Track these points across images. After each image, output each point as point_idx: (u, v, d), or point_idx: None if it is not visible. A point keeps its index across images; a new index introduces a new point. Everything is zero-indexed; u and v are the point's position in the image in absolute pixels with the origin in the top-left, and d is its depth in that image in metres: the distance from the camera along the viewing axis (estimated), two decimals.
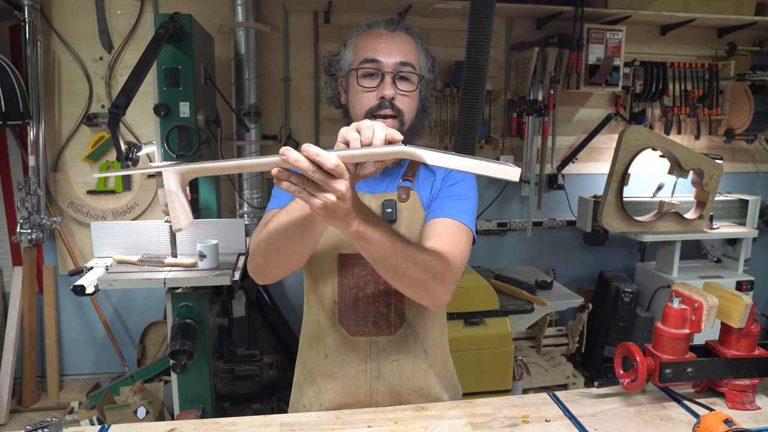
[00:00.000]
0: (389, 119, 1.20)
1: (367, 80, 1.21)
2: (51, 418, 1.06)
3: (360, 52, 1.23)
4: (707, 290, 1.28)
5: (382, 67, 1.20)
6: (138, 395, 2.69)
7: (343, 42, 1.29)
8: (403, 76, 1.21)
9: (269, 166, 0.83)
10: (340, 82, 1.29)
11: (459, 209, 1.22)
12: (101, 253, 2.45)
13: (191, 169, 0.86)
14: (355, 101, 1.23)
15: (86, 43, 3.01)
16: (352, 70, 1.23)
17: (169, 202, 0.85)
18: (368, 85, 1.21)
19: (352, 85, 1.24)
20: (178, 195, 0.85)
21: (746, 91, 3.50)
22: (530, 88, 3.37)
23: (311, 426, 1.17)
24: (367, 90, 1.20)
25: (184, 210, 0.86)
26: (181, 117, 2.45)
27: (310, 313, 1.33)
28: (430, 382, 1.32)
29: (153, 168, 0.89)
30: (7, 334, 3.10)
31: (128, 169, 1.05)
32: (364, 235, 0.95)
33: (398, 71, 1.21)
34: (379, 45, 1.21)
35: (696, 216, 3.28)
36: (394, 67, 1.20)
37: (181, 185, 0.86)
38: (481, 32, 2.52)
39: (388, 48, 1.21)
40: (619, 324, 3.34)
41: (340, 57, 1.28)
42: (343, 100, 1.29)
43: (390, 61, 1.20)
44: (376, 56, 1.20)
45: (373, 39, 1.22)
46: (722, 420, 1.06)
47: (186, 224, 0.86)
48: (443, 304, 1.15)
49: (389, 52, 1.20)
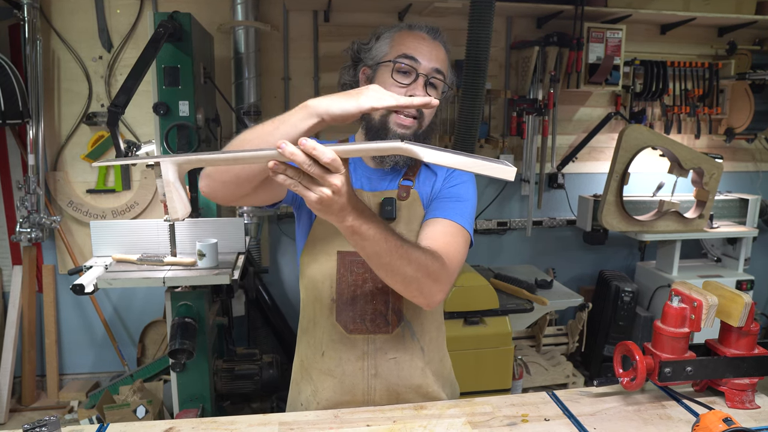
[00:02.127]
0: (409, 119, 1.20)
1: (400, 76, 1.21)
2: (49, 417, 1.05)
3: (398, 47, 1.22)
4: (707, 289, 1.28)
5: (419, 68, 1.20)
6: (137, 394, 2.69)
7: (375, 34, 1.29)
8: (433, 83, 1.22)
9: (266, 159, 0.84)
10: (363, 70, 1.28)
11: (458, 211, 1.22)
12: (101, 252, 2.44)
13: (188, 160, 0.87)
14: None
15: (86, 42, 3.01)
16: (387, 61, 1.22)
17: (166, 192, 0.86)
18: (401, 80, 1.20)
19: (381, 76, 1.23)
20: (176, 185, 0.86)
21: (746, 91, 3.50)
22: (530, 87, 3.37)
23: (310, 425, 1.17)
24: (398, 85, 1.20)
25: (182, 200, 0.87)
26: (180, 116, 2.45)
27: (306, 310, 1.33)
28: (427, 380, 1.32)
29: (151, 158, 0.90)
30: (6, 333, 3.09)
31: (127, 158, 1.06)
32: (358, 231, 0.96)
33: (432, 76, 1.22)
34: (420, 46, 1.22)
35: (696, 215, 3.27)
36: (430, 71, 1.21)
37: (179, 176, 0.87)
38: (481, 31, 2.52)
39: (429, 52, 1.22)
40: (619, 323, 3.33)
41: (371, 46, 1.27)
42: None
43: (428, 65, 1.21)
44: (416, 56, 1.20)
45: (415, 39, 1.23)
46: (721, 419, 1.06)
47: (183, 214, 0.87)
48: (436, 303, 1.15)
49: (429, 56, 1.21)
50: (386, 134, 1.20)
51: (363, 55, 1.28)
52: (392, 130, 1.20)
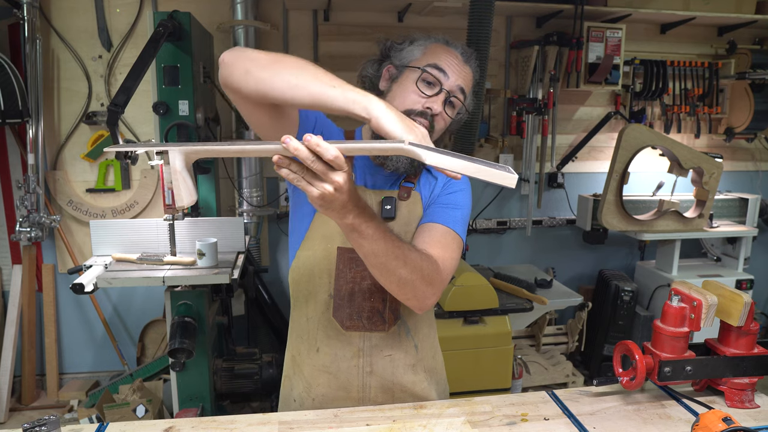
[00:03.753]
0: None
1: (425, 85, 1.21)
2: (48, 416, 1.05)
3: (431, 56, 1.22)
4: (706, 289, 1.28)
5: (444, 83, 1.20)
6: (137, 394, 2.69)
7: (409, 38, 1.29)
8: (452, 101, 1.22)
9: (270, 153, 0.85)
10: (389, 68, 1.28)
11: (454, 218, 1.23)
12: (100, 252, 2.44)
13: (196, 150, 0.89)
14: (399, 94, 1.22)
15: (85, 42, 3.01)
16: (416, 66, 1.22)
17: (173, 180, 0.89)
18: (424, 90, 1.20)
19: (405, 80, 1.23)
20: (183, 174, 0.89)
21: (746, 90, 3.50)
22: (530, 87, 3.37)
23: (309, 424, 1.17)
24: (420, 94, 1.20)
25: (188, 188, 0.90)
26: (180, 115, 2.45)
27: (299, 307, 1.33)
28: (419, 376, 1.33)
29: (160, 146, 0.93)
30: (6, 333, 3.09)
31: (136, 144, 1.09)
32: (358, 229, 0.97)
33: (454, 95, 1.22)
34: (452, 62, 1.22)
35: (696, 215, 3.27)
36: (453, 89, 1.21)
37: (186, 165, 0.89)
38: (481, 30, 2.52)
39: (459, 70, 1.22)
40: (619, 323, 3.33)
41: (404, 48, 1.27)
42: (381, 86, 1.28)
43: (454, 82, 1.21)
44: (446, 69, 1.21)
45: (448, 54, 1.23)
46: (721, 418, 1.06)
47: (189, 202, 0.90)
48: (428, 307, 1.16)
49: (457, 74, 1.22)
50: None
51: (393, 53, 1.28)
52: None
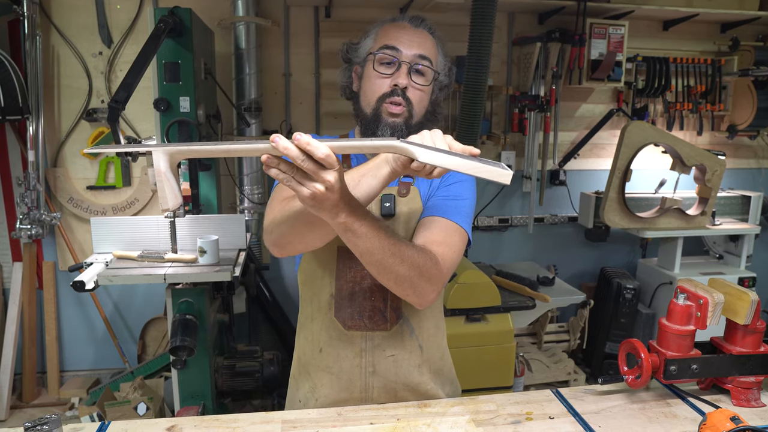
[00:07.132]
0: (398, 107, 1.20)
1: (383, 67, 1.22)
2: (50, 415, 1.05)
3: (380, 40, 1.24)
4: (713, 286, 1.27)
5: (400, 56, 1.21)
6: (138, 391, 2.68)
7: (365, 33, 1.30)
8: (419, 69, 1.22)
9: (259, 152, 0.82)
10: (356, 69, 1.30)
11: (454, 209, 1.21)
12: (101, 249, 2.44)
13: (180, 151, 0.86)
14: (368, 86, 1.24)
15: (86, 38, 2.99)
16: (369, 54, 1.24)
17: (157, 182, 0.85)
18: (384, 71, 1.21)
19: (367, 70, 1.25)
20: (167, 175, 0.85)
21: (749, 87, 3.48)
22: (532, 84, 3.35)
23: (313, 423, 1.17)
24: (381, 76, 1.21)
25: (173, 190, 0.86)
26: (181, 112, 2.44)
27: (304, 306, 1.33)
28: (425, 377, 1.31)
29: (143, 147, 0.89)
30: (7, 330, 3.09)
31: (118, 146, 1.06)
32: (351, 228, 0.96)
33: (415, 63, 1.21)
34: (400, 35, 1.22)
35: (698, 212, 3.26)
36: (412, 58, 1.21)
37: (171, 166, 0.85)
38: (483, 27, 2.50)
39: (409, 40, 1.22)
40: (621, 320, 3.33)
41: (360, 45, 1.29)
42: (355, 87, 1.30)
43: (409, 52, 1.21)
44: (397, 45, 1.21)
45: (396, 29, 1.24)
46: (729, 417, 1.05)
47: (173, 205, 0.86)
48: (428, 303, 1.15)
49: (410, 44, 1.21)
50: (378, 124, 1.21)
51: (352, 55, 1.30)
52: (384, 119, 1.21)
